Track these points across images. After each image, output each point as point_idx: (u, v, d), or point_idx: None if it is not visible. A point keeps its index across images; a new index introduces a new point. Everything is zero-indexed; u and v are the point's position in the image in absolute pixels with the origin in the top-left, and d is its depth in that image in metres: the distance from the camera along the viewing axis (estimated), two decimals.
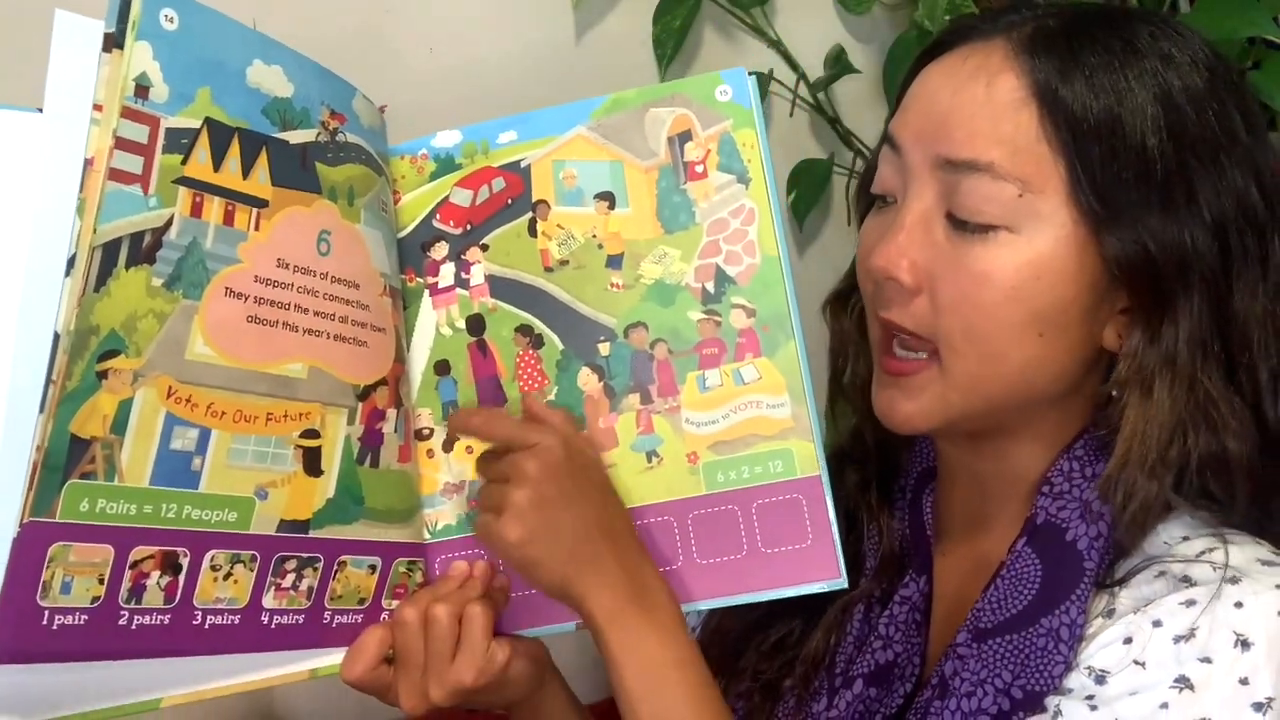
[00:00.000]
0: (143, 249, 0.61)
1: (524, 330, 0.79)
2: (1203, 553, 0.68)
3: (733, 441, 0.77)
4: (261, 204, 0.67)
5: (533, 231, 0.80)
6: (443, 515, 0.79)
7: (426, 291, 0.80)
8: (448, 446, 0.79)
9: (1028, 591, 0.71)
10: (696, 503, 0.77)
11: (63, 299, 0.59)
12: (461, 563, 0.77)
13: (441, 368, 0.80)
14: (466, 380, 0.79)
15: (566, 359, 0.79)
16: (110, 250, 0.60)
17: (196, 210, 0.64)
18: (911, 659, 0.76)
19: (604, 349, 0.79)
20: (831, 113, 1.55)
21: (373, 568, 0.74)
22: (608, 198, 0.79)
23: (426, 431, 0.79)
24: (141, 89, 0.61)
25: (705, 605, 0.77)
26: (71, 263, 0.59)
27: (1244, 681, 0.62)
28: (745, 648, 0.84)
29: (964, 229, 0.70)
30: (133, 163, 0.61)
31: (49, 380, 0.59)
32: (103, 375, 0.61)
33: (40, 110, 0.61)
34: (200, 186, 0.64)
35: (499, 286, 0.80)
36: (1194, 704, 0.62)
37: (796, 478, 0.76)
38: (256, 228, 0.66)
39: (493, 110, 0.82)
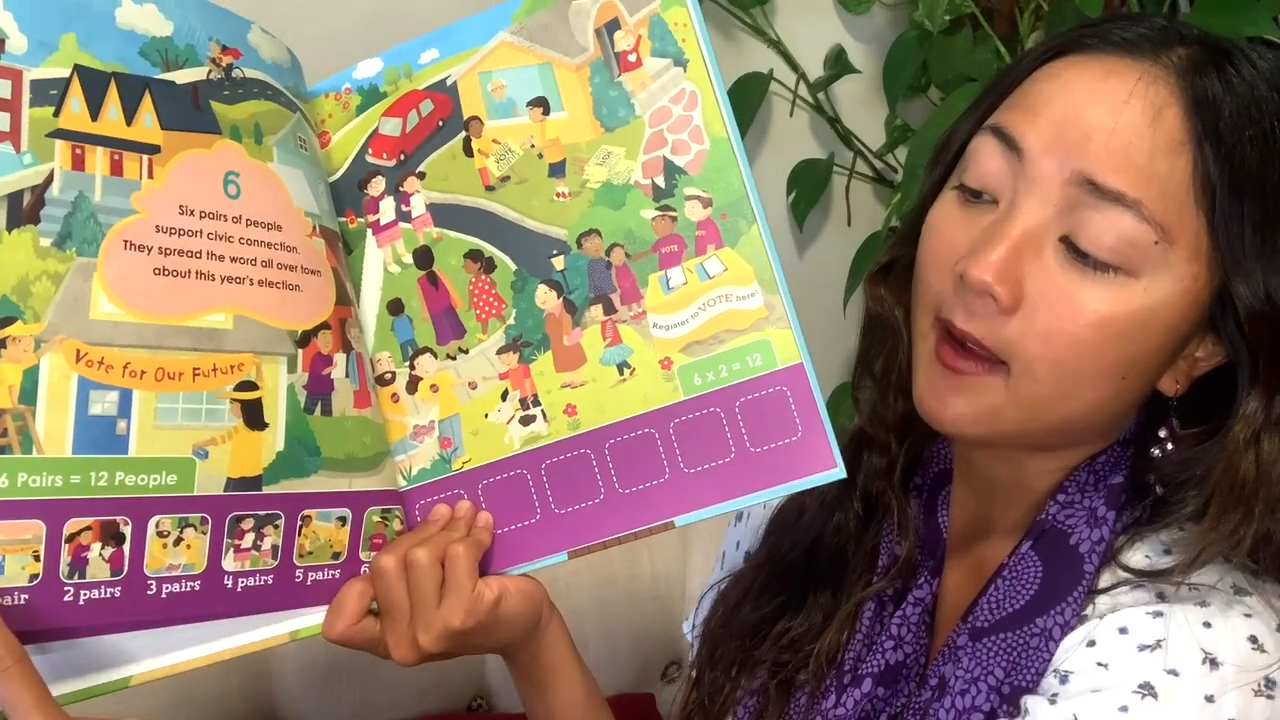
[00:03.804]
0: (24, 209, 0.59)
1: (473, 255, 0.75)
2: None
3: (706, 341, 0.72)
4: (152, 150, 0.64)
5: (468, 151, 0.75)
6: (416, 460, 0.75)
7: (369, 231, 0.77)
8: (411, 388, 0.75)
9: (1026, 592, 0.70)
10: (676, 410, 0.72)
11: None
12: (442, 506, 0.74)
13: (395, 307, 0.76)
14: (422, 317, 0.76)
15: (521, 278, 0.75)
16: None
17: (79, 163, 0.61)
18: (918, 659, 0.74)
19: (559, 263, 0.74)
20: (831, 113, 1.54)
21: (342, 519, 0.71)
22: (541, 104, 0.75)
23: (388, 376, 0.76)
24: None
25: (700, 515, 0.72)
26: None
27: (1209, 699, 0.62)
28: (760, 641, 0.81)
29: (1083, 261, 0.65)
30: None
31: None
32: (1, 345, 0.58)
33: None
34: (79, 138, 0.61)
35: (442, 214, 0.76)
36: (1155, 712, 0.62)
37: (778, 369, 0.71)
38: (150, 175, 0.63)
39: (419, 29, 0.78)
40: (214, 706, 1.09)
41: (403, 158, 0.76)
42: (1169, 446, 0.71)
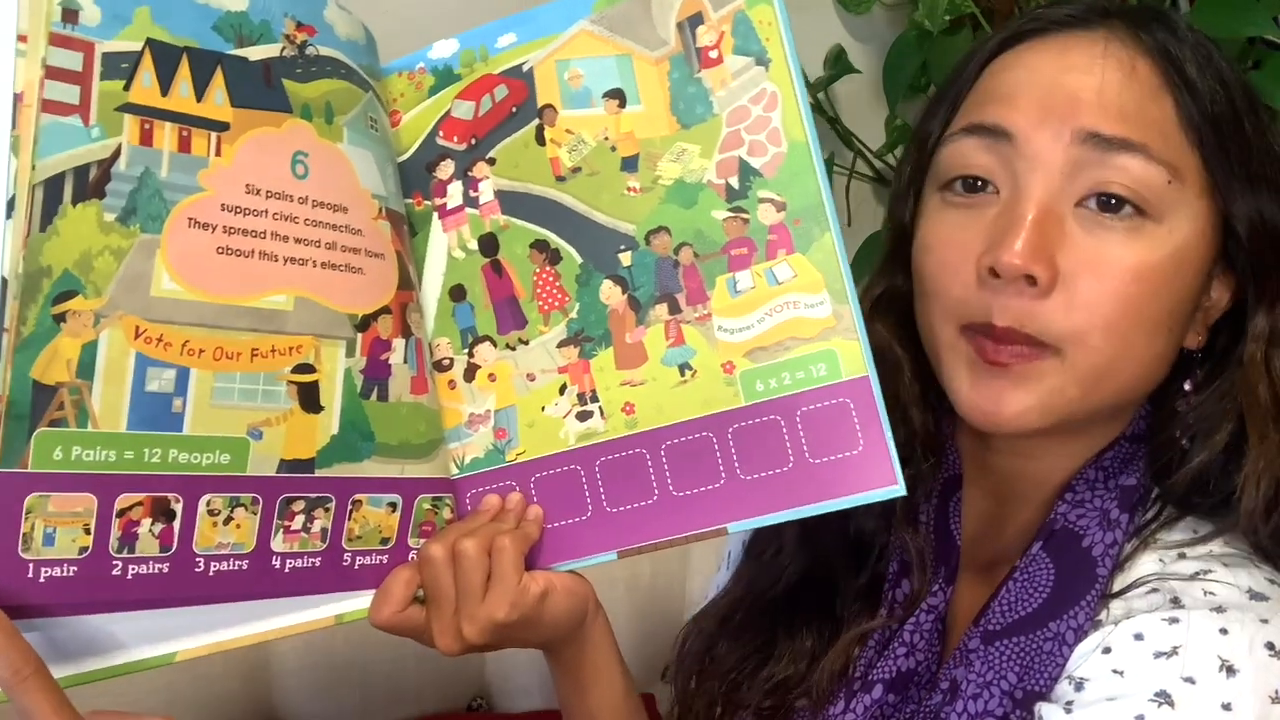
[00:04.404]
0: (89, 183, 0.59)
1: (539, 246, 0.74)
2: (1197, 574, 0.66)
3: (770, 347, 0.70)
4: (221, 127, 0.63)
5: (540, 139, 0.74)
6: (470, 449, 0.74)
7: (435, 214, 0.76)
8: (469, 376, 0.75)
9: (1039, 595, 0.69)
10: (736, 415, 0.70)
11: (6, 242, 0.57)
12: (493, 496, 0.74)
13: (457, 293, 0.75)
14: (484, 304, 0.75)
15: (586, 272, 0.73)
16: (53, 187, 0.57)
17: (146, 138, 0.60)
18: (930, 666, 0.73)
19: (625, 259, 0.73)
20: (831, 112, 1.53)
21: (393, 505, 0.71)
22: (617, 95, 0.73)
23: (446, 362, 0.75)
24: (70, 13, 0.58)
25: (754, 524, 0.70)
26: (11, 204, 0.57)
27: (1226, 707, 0.60)
28: (742, 682, 0.80)
29: (1105, 219, 0.67)
30: (68, 92, 0.58)
31: (1, 328, 0.57)
32: (61, 318, 0.58)
33: None
34: (148, 113, 0.60)
35: (509, 201, 0.75)
36: None
37: (842, 380, 0.69)
38: (218, 153, 0.63)
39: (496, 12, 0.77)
40: (214, 706, 1.09)
41: (473, 142, 0.75)
42: (1191, 400, 0.72)
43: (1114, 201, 0.66)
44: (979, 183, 0.70)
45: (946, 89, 0.76)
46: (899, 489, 0.68)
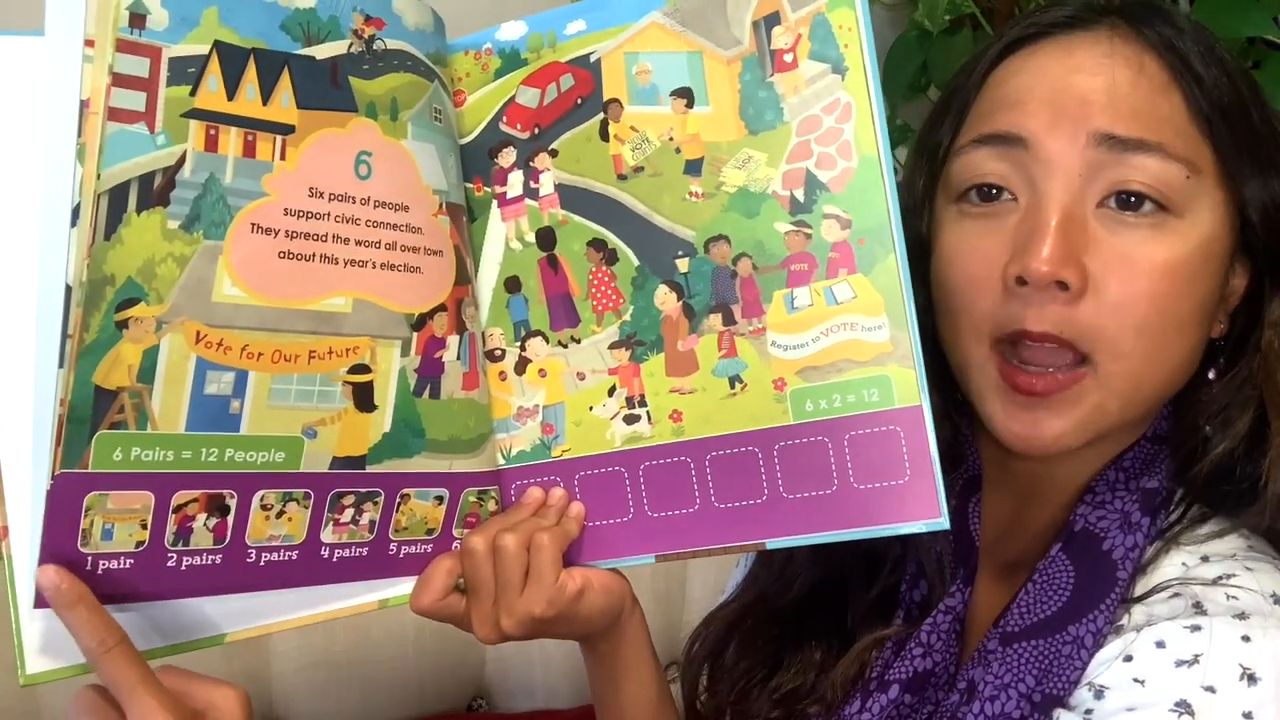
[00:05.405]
0: (154, 191, 0.58)
1: (597, 244, 0.73)
2: (1220, 578, 0.65)
3: (823, 367, 0.70)
4: (287, 130, 0.62)
5: (604, 135, 0.72)
6: (517, 441, 0.75)
7: (495, 202, 0.75)
8: (520, 369, 0.75)
9: (1058, 598, 0.69)
10: (783, 433, 0.70)
11: (71, 250, 0.57)
12: (536, 489, 0.74)
13: (512, 285, 0.75)
14: (538, 299, 0.74)
15: (642, 276, 0.72)
16: (118, 195, 0.57)
17: (211, 144, 0.60)
18: (948, 668, 0.73)
19: (683, 265, 0.72)
20: None
21: (439, 499, 0.72)
22: (685, 95, 0.71)
23: (498, 353, 0.75)
24: (137, 18, 0.57)
25: (792, 542, 0.71)
26: (76, 212, 0.56)
27: (1247, 716, 0.60)
28: (750, 690, 0.81)
29: (1127, 218, 0.66)
30: (134, 100, 0.57)
31: (65, 335, 0.57)
32: (123, 325, 0.58)
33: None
34: (214, 118, 0.60)
35: (569, 196, 0.73)
36: None
37: (894, 408, 0.68)
38: (283, 157, 0.62)
39: None
40: None
41: (536, 131, 0.74)
42: (1214, 388, 0.72)
43: (1134, 199, 0.67)
44: (994, 190, 0.70)
45: (950, 98, 0.75)
46: (942, 522, 0.68)
